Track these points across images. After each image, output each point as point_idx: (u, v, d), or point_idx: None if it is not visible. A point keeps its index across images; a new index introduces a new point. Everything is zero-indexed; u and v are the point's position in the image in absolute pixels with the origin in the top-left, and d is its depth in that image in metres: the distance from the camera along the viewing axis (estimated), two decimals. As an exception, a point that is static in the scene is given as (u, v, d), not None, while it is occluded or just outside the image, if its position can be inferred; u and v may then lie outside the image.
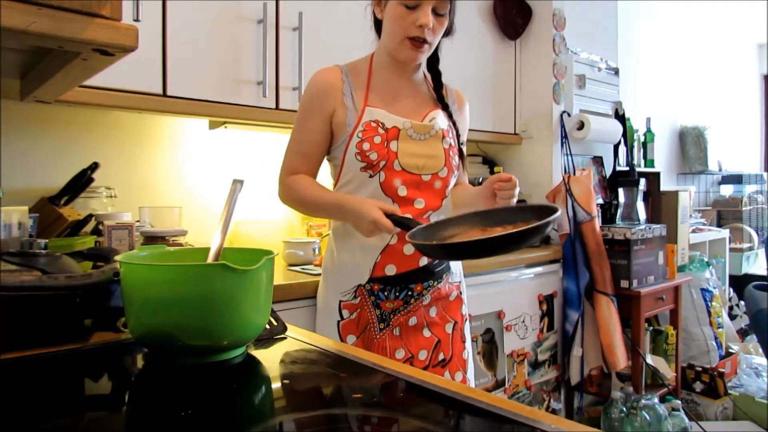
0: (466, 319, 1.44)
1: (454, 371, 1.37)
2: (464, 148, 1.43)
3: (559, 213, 1.02)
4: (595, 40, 2.79)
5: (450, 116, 1.40)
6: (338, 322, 1.33)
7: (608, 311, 2.35)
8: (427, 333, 1.35)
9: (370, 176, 1.28)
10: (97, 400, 0.70)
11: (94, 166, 1.52)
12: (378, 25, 1.36)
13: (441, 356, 1.35)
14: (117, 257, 0.79)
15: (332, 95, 1.31)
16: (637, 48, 3.71)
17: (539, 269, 2.30)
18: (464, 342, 1.41)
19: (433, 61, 1.39)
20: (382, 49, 1.35)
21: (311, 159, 1.34)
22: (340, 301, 1.33)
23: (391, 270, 1.30)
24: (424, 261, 1.31)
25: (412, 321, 1.33)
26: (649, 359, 2.52)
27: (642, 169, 3.20)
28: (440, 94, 1.40)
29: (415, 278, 1.31)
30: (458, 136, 1.40)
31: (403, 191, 1.29)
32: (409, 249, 1.29)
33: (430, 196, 1.32)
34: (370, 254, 1.30)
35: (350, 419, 0.64)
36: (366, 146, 1.27)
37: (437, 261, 1.33)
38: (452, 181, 1.37)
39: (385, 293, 1.31)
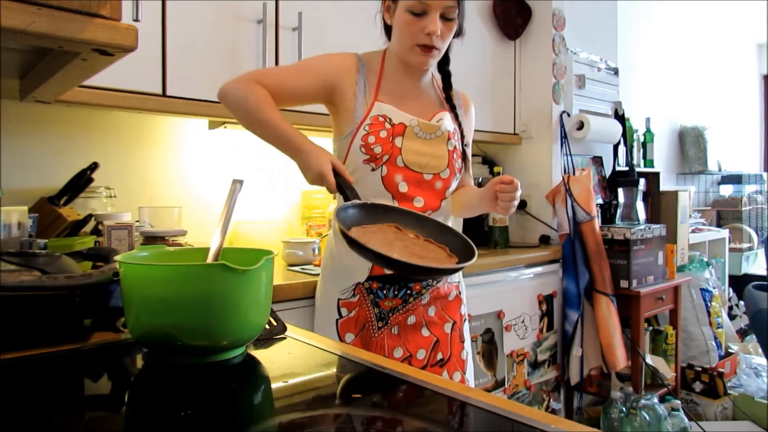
0: (465, 319, 1.44)
1: (453, 371, 1.37)
2: (469, 151, 1.43)
3: (472, 262, 1.02)
4: (594, 40, 2.79)
5: (456, 118, 1.40)
6: (337, 320, 1.33)
7: (608, 311, 2.35)
8: (425, 332, 1.35)
9: (373, 169, 1.28)
10: (97, 400, 0.70)
11: (94, 166, 1.52)
12: (388, 29, 1.36)
13: (439, 356, 1.35)
14: (116, 257, 0.79)
15: (347, 76, 1.30)
16: (636, 48, 3.71)
17: (539, 269, 2.30)
18: (463, 342, 1.41)
19: (443, 63, 1.39)
20: (392, 52, 1.35)
21: (281, 95, 1.25)
22: (339, 299, 1.33)
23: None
24: None
25: (411, 320, 1.33)
26: (649, 359, 2.52)
27: (641, 169, 3.20)
28: (449, 95, 1.40)
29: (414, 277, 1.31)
30: (462, 138, 1.40)
31: (403, 188, 1.29)
32: None
33: (430, 196, 1.32)
34: (369, 253, 1.30)
35: (350, 419, 0.64)
36: (371, 139, 1.27)
37: None
38: (453, 184, 1.37)
39: (384, 292, 1.31)
